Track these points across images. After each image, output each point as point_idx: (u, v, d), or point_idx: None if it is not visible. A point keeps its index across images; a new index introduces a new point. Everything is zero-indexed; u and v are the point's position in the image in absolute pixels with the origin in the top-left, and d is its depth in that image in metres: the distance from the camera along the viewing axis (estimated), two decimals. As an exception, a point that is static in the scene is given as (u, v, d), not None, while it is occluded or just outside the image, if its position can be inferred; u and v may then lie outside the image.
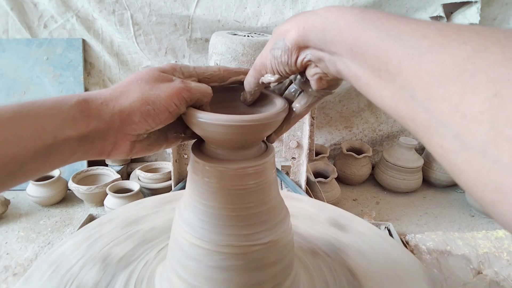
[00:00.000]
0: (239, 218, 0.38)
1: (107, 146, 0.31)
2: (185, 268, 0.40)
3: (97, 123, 0.29)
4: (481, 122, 0.16)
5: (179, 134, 0.38)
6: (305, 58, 0.30)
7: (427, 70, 0.19)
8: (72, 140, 0.28)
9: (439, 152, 0.19)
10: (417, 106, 0.20)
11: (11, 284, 0.96)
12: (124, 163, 1.53)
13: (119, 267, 0.50)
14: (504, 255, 1.01)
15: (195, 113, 0.34)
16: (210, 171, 0.37)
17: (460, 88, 0.17)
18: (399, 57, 0.21)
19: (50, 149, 0.27)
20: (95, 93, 0.30)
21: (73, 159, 0.29)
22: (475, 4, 1.32)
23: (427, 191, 1.58)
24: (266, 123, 0.34)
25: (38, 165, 0.27)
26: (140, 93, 0.31)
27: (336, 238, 0.58)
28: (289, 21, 0.30)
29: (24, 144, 0.25)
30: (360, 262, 0.53)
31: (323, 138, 1.67)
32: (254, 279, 0.39)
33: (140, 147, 0.34)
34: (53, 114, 0.27)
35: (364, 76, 0.24)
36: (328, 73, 0.30)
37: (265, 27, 1.38)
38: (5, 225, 1.21)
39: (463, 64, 0.18)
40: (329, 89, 0.33)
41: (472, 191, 0.17)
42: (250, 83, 0.36)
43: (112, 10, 1.33)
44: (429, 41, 0.20)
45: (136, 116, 0.30)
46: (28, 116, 0.26)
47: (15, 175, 0.26)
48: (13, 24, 1.36)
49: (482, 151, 0.16)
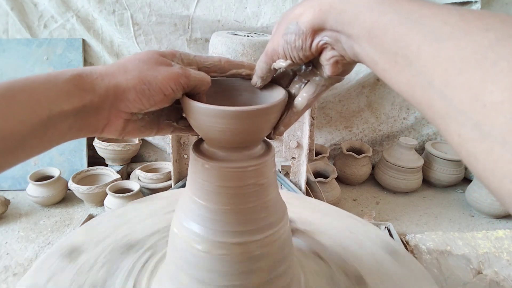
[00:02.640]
0: (238, 217, 0.38)
1: (101, 121, 0.31)
2: (184, 268, 0.40)
3: (92, 96, 0.29)
4: (501, 112, 0.16)
5: (171, 122, 0.38)
6: (321, 41, 0.29)
7: (446, 56, 0.19)
8: (67, 115, 0.28)
9: (456, 141, 0.19)
10: (435, 93, 0.19)
11: (11, 284, 0.96)
12: (124, 163, 1.53)
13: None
14: (504, 255, 1.01)
15: (189, 102, 0.34)
16: (210, 171, 0.37)
17: (480, 76, 0.17)
18: (418, 41, 0.20)
19: (46, 124, 0.27)
20: (90, 68, 0.31)
21: (70, 135, 0.29)
22: (475, 4, 1.32)
23: (427, 191, 1.58)
24: (259, 115, 0.34)
25: (36, 141, 0.27)
26: (137, 71, 0.31)
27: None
28: (302, 4, 0.29)
29: (20, 118, 0.25)
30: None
31: (323, 138, 1.67)
32: (253, 278, 0.39)
33: (132, 127, 0.34)
34: (47, 89, 0.27)
35: (381, 61, 0.24)
36: (345, 56, 0.29)
37: (265, 27, 1.38)
38: (5, 225, 1.21)
39: (485, 51, 0.17)
40: (342, 75, 0.33)
41: (489, 181, 0.17)
42: (262, 68, 0.36)
43: (112, 10, 1.33)
44: (450, 27, 0.19)
45: (131, 94, 0.30)
46: (22, 91, 0.26)
47: (15, 152, 0.26)
48: (13, 24, 1.36)
49: (501, 141, 0.16)
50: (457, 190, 1.59)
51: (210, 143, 0.39)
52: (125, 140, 1.56)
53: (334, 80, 0.33)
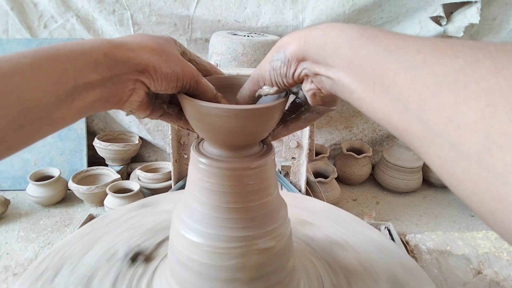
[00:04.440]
0: (239, 218, 0.38)
1: (126, 92, 0.31)
2: (184, 268, 0.40)
3: (121, 67, 0.29)
4: (475, 132, 0.16)
5: (161, 103, 0.38)
6: (302, 71, 0.30)
7: (421, 82, 0.20)
8: (94, 85, 0.28)
9: (437, 163, 0.19)
10: (411, 117, 0.20)
11: (11, 284, 0.96)
12: (124, 163, 1.53)
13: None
14: (504, 255, 1.01)
15: (190, 101, 0.34)
16: (210, 171, 0.37)
17: (453, 98, 0.18)
18: (395, 70, 0.22)
19: (72, 94, 0.26)
20: (119, 39, 0.31)
21: (96, 107, 0.29)
22: (475, 4, 1.32)
23: (427, 191, 1.58)
24: (261, 114, 0.34)
25: (63, 112, 0.26)
26: (166, 54, 0.32)
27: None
28: (291, 35, 0.31)
29: (45, 88, 0.25)
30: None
31: (323, 138, 1.67)
32: (253, 279, 0.39)
33: (146, 101, 0.34)
34: (74, 58, 0.27)
35: (358, 90, 0.25)
36: (322, 89, 0.30)
37: (265, 27, 1.38)
38: (5, 225, 1.21)
39: (456, 75, 0.18)
40: (326, 106, 0.34)
41: (471, 200, 0.18)
42: (244, 96, 0.36)
43: (112, 10, 1.33)
44: (424, 55, 0.20)
45: (157, 73, 0.31)
46: (47, 59, 0.25)
47: (41, 123, 0.25)
48: (13, 24, 1.36)
49: (478, 160, 0.16)
50: (457, 190, 1.59)
51: (211, 143, 0.39)
52: (125, 140, 1.56)
53: (322, 109, 0.35)
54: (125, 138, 1.58)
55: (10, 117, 0.23)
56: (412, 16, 1.38)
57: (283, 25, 1.37)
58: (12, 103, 0.23)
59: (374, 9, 1.37)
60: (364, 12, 1.35)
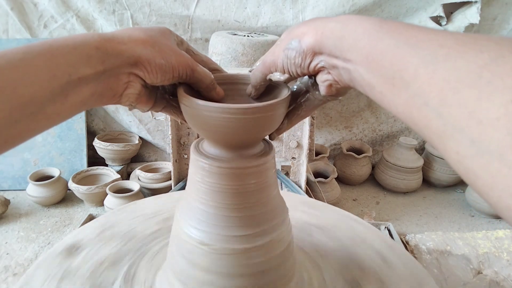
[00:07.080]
0: (239, 217, 0.38)
1: (121, 85, 0.31)
2: (184, 268, 0.40)
3: (114, 60, 0.29)
4: (498, 128, 0.16)
5: (164, 95, 0.38)
6: (319, 64, 0.30)
7: (442, 77, 0.19)
8: (88, 79, 0.28)
9: (454, 158, 0.19)
10: (431, 113, 0.20)
11: (11, 284, 0.96)
12: (124, 163, 1.53)
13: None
14: (504, 255, 1.01)
15: (190, 100, 0.34)
16: (210, 171, 0.37)
17: (475, 94, 0.17)
18: (415, 64, 0.21)
19: (66, 89, 0.26)
20: (111, 33, 0.31)
21: (92, 101, 0.29)
22: (475, 4, 1.32)
23: (427, 191, 1.58)
24: (262, 112, 0.33)
25: (57, 107, 0.26)
26: (159, 45, 0.32)
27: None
28: (307, 24, 0.30)
29: (39, 83, 0.25)
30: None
31: (323, 138, 1.67)
32: (254, 280, 0.39)
33: (145, 93, 0.34)
34: (67, 52, 0.27)
35: (378, 84, 0.24)
36: (340, 81, 0.30)
37: (265, 27, 1.38)
38: (5, 225, 1.22)
39: (479, 71, 0.18)
40: (337, 96, 0.34)
41: (488, 196, 0.18)
42: (257, 77, 0.36)
43: (112, 10, 1.33)
44: (446, 50, 0.20)
45: (151, 65, 0.31)
46: (40, 55, 0.25)
47: (37, 118, 0.25)
48: (13, 24, 1.36)
49: (498, 156, 0.16)
50: (457, 190, 1.59)
51: (211, 143, 0.39)
52: (125, 140, 1.56)
53: (330, 99, 0.35)
54: (125, 138, 1.58)
55: (5, 112, 0.23)
56: (412, 16, 1.39)
57: (283, 25, 1.37)
58: (7, 98, 0.23)
59: (374, 9, 1.37)
60: (364, 12, 1.35)
